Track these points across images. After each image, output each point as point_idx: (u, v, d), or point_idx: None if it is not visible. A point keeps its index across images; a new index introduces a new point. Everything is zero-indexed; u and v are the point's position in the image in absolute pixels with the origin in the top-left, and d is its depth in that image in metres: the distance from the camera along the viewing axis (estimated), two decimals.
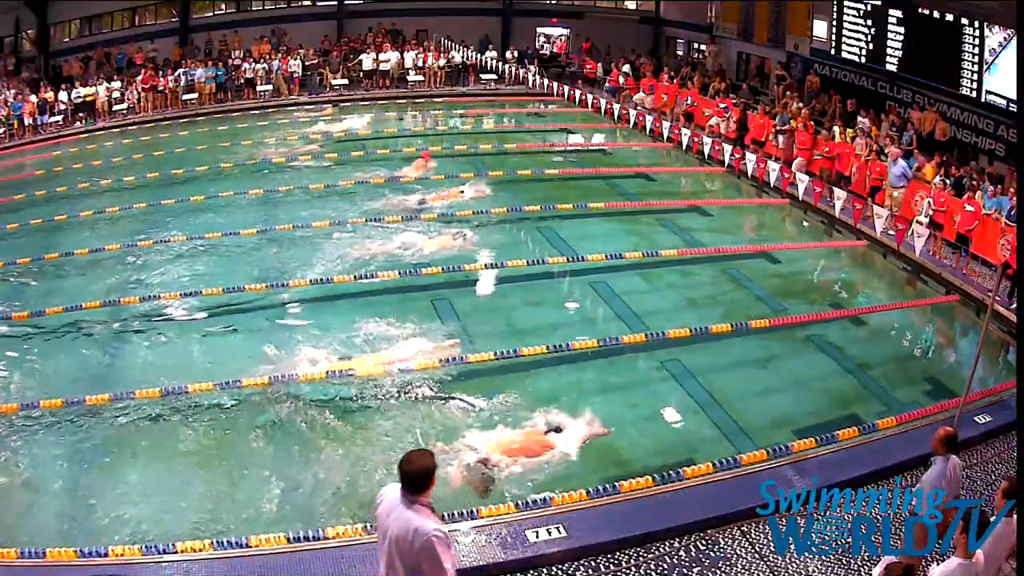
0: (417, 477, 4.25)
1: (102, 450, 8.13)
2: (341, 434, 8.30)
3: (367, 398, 8.88)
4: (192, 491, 7.48)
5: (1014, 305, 10.91)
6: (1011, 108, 14.74)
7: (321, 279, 11.73)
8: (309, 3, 27.84)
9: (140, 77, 23.06)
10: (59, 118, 21.67)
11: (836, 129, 16.83)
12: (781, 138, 17.30)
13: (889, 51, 17.92)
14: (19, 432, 8.35)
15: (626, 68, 24.45)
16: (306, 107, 23.92)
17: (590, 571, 6.31)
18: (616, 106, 22.34)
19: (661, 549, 6.51)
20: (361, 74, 25.38)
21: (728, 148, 17.49)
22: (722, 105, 19.63)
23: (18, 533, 6.88)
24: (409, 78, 25.41)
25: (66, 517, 7.18)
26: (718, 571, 6.31)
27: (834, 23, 19.66)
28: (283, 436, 8.35)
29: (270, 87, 24.10)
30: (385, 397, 8.89)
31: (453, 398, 8.86)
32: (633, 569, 6.32)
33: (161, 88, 23.08)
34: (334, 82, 24.79)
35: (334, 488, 7.50)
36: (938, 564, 5.25)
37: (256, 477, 7.70)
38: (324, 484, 7.58)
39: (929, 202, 13.10)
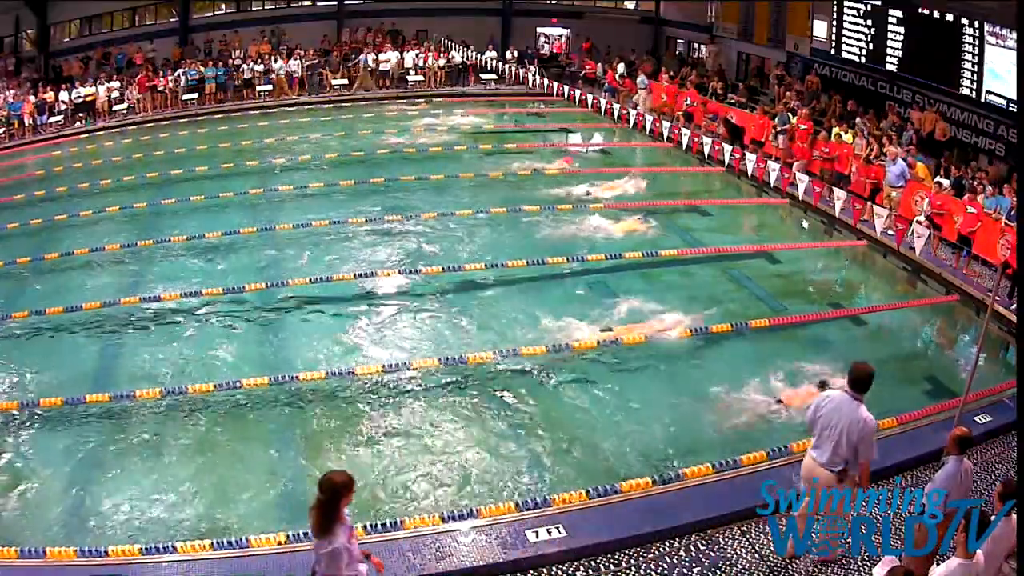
0: (864, 380, 5.83)
1: (102, 449, 8.13)
2: (341, 433, 8.31)
3: (367, 397, 8.89)
4: (192, 491, 7.48)
5: (1014, 305, 10.91)
6: (1011, 108, 14.75)
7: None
8: (309, 3, 27.85)
9: (138, 77, 23.08)
10: (59, 118, 21.68)
11: (836, 129, 16.83)
12: (781, 138, 17.30)
13: (889, 51, 17.93)
14: (19, 431, 8.36)
15: (621, 68, 24.41)
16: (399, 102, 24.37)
17: (590, 571, 6.31)
18: (616, 106, 22.35)
19: (661, 549, 6.50)
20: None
21: (728, 148, 17.49)
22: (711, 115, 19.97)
23: (18, 532, 6.88)
24: (409, 78, 25.42)
25: (66, 516, 7.18)
26: (718, 571, 6.31)
27: (834, 23, 19.67)
28: (284, 435, 8.36)
29: (270, 87, 24.12)
30: (385, 396, 8.90)
31: (452, 398, 8.87)
32: (633, 569, 6.32)
33: (161, 88, 23.09)
34: (334, 82, 24.80)
35: None
36: (938, 564, 5.25)
37: (256, 477, 7.70)
38: None
39: (928, 202, 13.10)
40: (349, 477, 4.86)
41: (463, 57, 26.48)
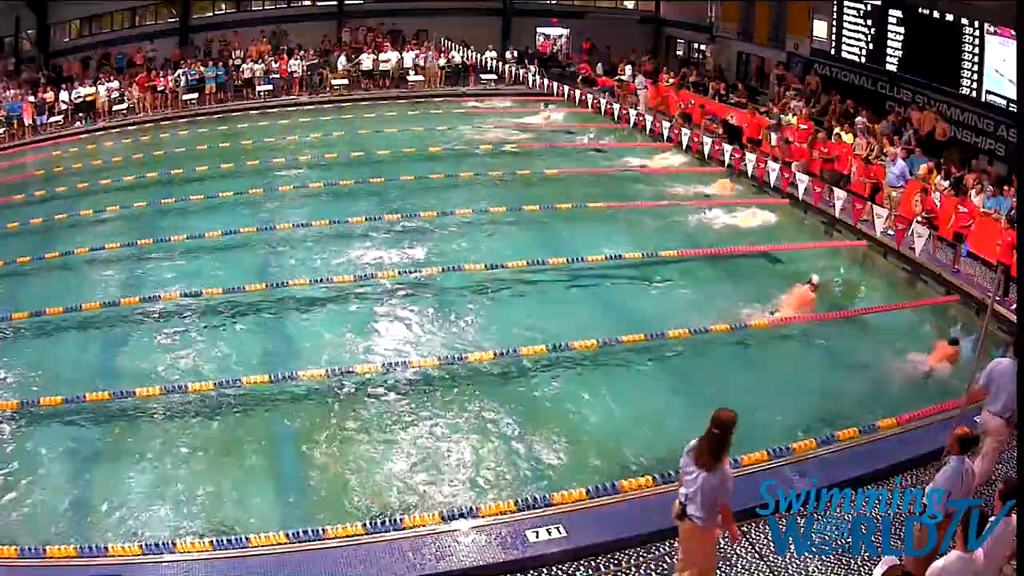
0: None
1: (102, 448, 8.15)
2: (342, 432, 8.31)
3: (367, 396, 8.89)
4: (192, 490, 7.48)
5: (1014, 305, 10.89)
6: (1011, 108, 14.75)
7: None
8: (309, 3, 27.86)
9: (138, 77, 23.08)
10: (59, 118, 21.67)
11: (836, 129, 16.82)
12: (774, 135, 17.29)
13: (889, 51, 17.91)
14: (19, 430, 8.37)
15: (628, 70, 24.36)
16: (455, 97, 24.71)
17: (590, 571, 6.31)
18: (616, 106, 22.34)
19: (661, 549, 6.50)
20: (361, 74, 25.41)
21: (728, 148, 17.49)
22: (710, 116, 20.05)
23: (18, 531, 6.88)
24: (409, 78, 25.42)
25: (66, 515, 7.19)
26: (718, 571, 6.30)
27: (834, 23, 19.66)
28: (284, 434, 8.36)
29: (270, 87, 24.13)
30: (385, 395, 8.90)
31: (452, 397, 8.87)
32: (633, 569, 6.31)
33: (161, 88, 23.10)
34: (334, 82, 24.81)
35: (334, 487, 7.51)
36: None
37: (256, 476, 7.72)
38: (324, 483, 7.59)
39: (918, 202, 13.13)
40: (735, 414, 5.38)
41: (463, 57, 26.48)
